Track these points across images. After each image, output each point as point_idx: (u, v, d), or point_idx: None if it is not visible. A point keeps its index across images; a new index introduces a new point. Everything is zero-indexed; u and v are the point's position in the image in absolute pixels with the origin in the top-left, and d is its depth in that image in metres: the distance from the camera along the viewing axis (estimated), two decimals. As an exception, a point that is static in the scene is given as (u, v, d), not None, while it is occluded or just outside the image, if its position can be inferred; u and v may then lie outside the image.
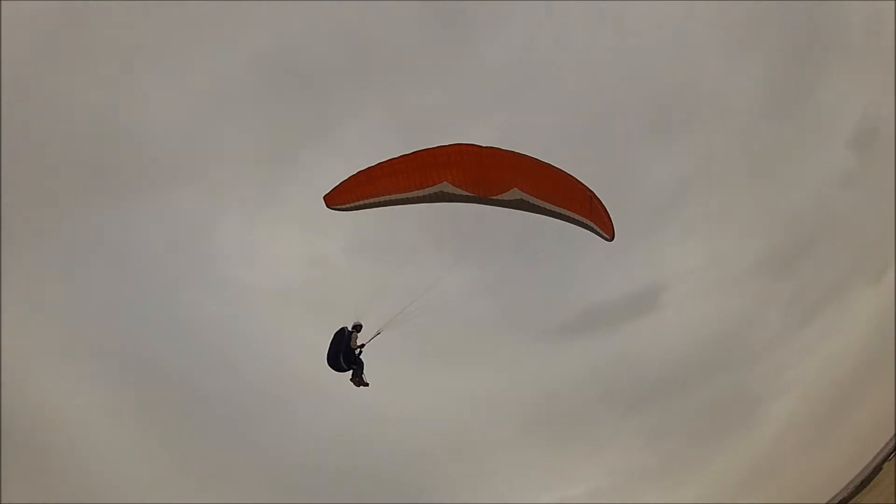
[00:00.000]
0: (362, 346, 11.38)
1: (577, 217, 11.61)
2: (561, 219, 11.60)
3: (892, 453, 50.45)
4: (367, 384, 11.43)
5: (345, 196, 11.06)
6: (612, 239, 12.09)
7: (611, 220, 12.01)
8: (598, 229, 11.87)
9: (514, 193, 11.06)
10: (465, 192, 10.54)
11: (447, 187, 10.42)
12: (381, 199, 10.72)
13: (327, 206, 11.37)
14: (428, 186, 10.41)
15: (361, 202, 10.97)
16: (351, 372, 11.24)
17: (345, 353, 11.08)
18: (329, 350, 11.11)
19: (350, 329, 11.25)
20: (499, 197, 10.82)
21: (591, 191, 11.82)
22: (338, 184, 11.19)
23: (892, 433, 57.18)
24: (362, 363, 11.29)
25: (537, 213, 11.24)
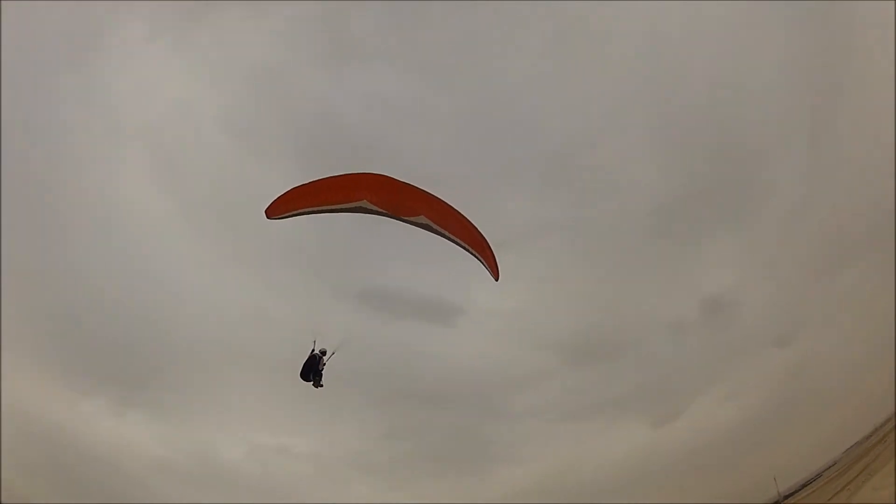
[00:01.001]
0: (324, 365, 15.47)
1: (469, 248, 14.60)
2: (457, 245, 14.48)
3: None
4: (322, 385, 15.52)
5: (282, 209, 13.52)
6: (497, 279, 15.22)
7: (497, 266, 15.14)
8: (487, 267, 14.91)
9: (422, 219, 13.94)
10: (380, 210, 13.25)
11: (366, 204, 13.15)
12: (312, 209, 13.24)
13: (267, 218, 13.72)
14: (350, 202, 13.12)
15: (296, 213, 13.43)
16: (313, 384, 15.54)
17: (314, 371, 15.31)
18: (303, 368, 15.36)
19: (319, 354, 15.44)
20: (408, 218, 13.60)
21: (486, 239, 15.01)
22: (275, 199, 13.70)
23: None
24: (322, 375, 15.45)
25: (438, 235, 14.04)
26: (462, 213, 14.79)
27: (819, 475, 66.72)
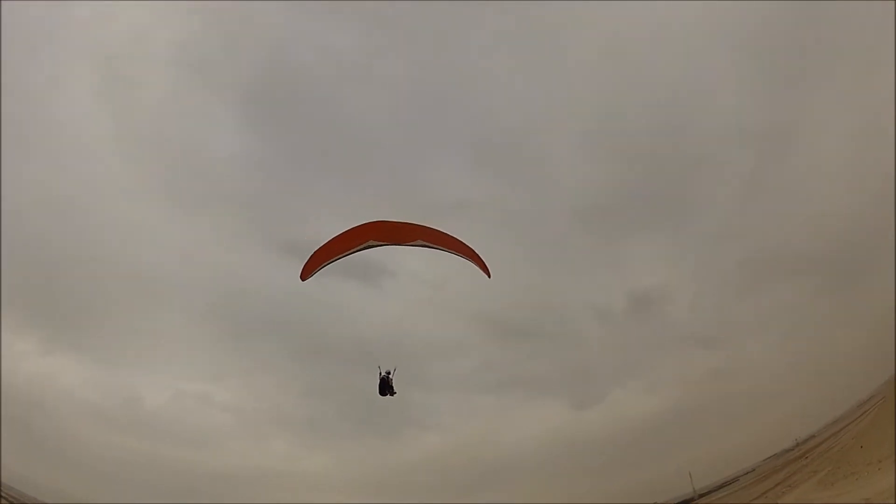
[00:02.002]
0: (392, 380, 19.29)
1: (459, 255, 17.98)
2: (453, 254, 17.86)
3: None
4: (395, 393, 19.28)
5: (312, 268, 17.13)
6: (489, 277, 18.44)
7: (486, 266, 18.42)
8: (479, 267, 18.23)
9: (419, 242, 17.48)
10: (384, 243, 16.80)
11: (372, 243, 16.74)
12: (334, 259, 16.77)
13: (302, 280, 17.25)
14: (360, 244, 16.69)
15: (323, 267, 16.97)
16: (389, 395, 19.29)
17: (388, 388, 19.21)
18: (379, 388, 19.22)
19: (388, 375, 19.33)
20: (408, 243, 17.11)
21: (472, 249, 18.43)
22: (304, 265, 17.34)
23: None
24: (392, 387, 19.32)
25: (435, 249, 17.47)
26: (450, 233, 18.41)
27: (737, 479, 65.23)
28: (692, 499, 65.31)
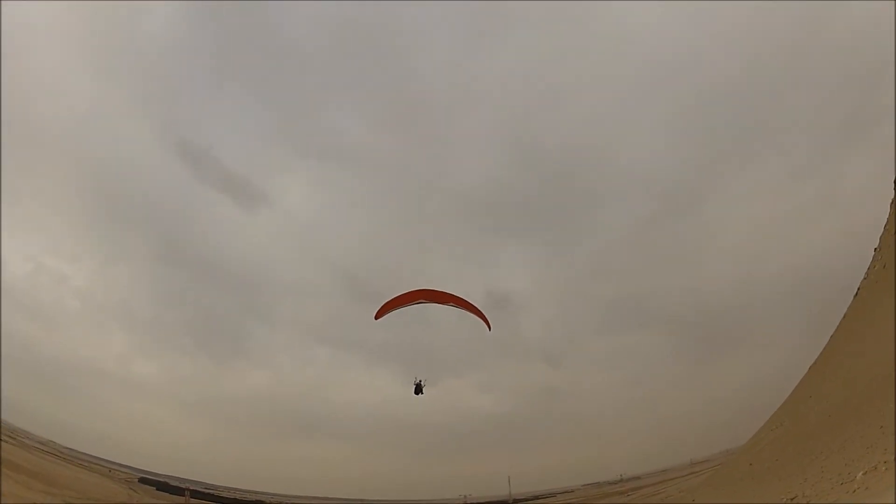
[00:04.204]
0: (423, 386, 28.48)
1: (475, 315, 28.68)
2: (470, 312, 28.62)
3: None
4: (423, 393, 28.74)
5: (383, 313, 27.86)
6: (490, 330, 29.04)
7: (488, 321, 29.08)
8: (485, 323, 28.90)
9: (451, 304, 28.27)
10: (430, 301, 27.63)
11: (421, 301, 27.57)
12: (398, 309, 27.51)
13: (375, 319, 27.94)
14: (415, 301, 27.52)
15: (390, 312, 27.71)
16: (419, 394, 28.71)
17: (420, 391, 28.47)
18: (414, 390, 28.57)
19: (421, 382, 28.95)
20: (444, 304, 27.96)
21: (482, 313, 29.21)
22: (378, 309, 28.05)
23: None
24: (422, 389, 28.47)
25: (460, 308, 28.29)
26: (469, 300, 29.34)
27: (553, 495, 70.74)
28: (506, 502, 69.09)
